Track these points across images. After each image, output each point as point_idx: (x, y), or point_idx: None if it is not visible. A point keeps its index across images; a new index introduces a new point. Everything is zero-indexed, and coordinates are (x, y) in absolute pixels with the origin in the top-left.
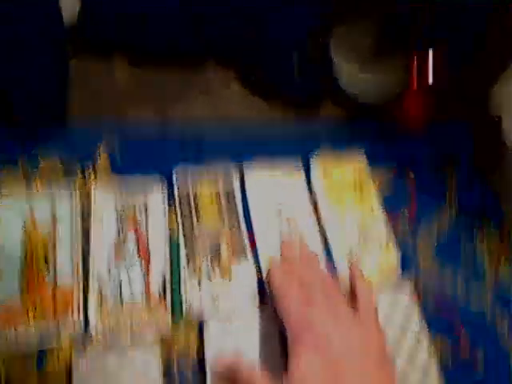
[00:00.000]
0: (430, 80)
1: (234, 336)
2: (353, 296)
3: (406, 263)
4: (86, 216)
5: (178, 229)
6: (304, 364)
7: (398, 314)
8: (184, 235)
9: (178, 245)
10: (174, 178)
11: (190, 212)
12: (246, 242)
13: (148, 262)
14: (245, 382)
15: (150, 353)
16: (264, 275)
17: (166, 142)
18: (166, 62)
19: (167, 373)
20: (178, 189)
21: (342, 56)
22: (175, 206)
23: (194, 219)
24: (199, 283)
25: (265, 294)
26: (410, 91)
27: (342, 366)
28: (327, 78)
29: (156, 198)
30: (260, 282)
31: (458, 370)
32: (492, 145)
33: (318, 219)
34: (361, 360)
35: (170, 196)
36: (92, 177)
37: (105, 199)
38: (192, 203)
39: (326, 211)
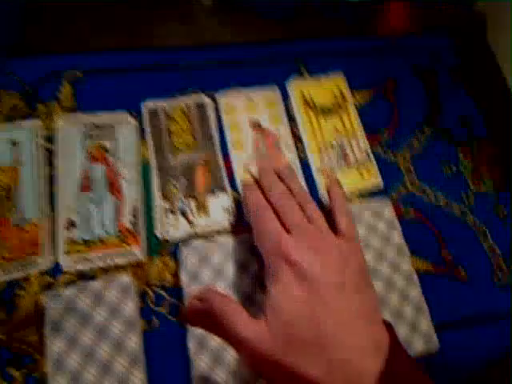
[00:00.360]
0: None
1: (211, 265)
2: (330, 211)
3: (387, 182)
4: (50, 150)
5: (149, 155)
6: (282, 293)
7: (380, 229)
8: (155, 158)
9: (150, 172)
10: (143, 107)
11: (161, 137)
12: (222, 166)
13: (119, 193)
14: (218, 310)
15: (125, 287)
16: (241, 192)
17: (133, 72)
18: None
19: (143, 307)
20: (149, 116)
21: None
22: (145, 134)
23: (167, 148)
24: (173, 213)
25: (242, 220)
26: None
27: (323, 290)
28: None
29: (125, 125)
30: (238, 206)
31: (443, 279)
32: (476, 53)
33: (296, 140)
34: (341, 279)
35: (140, 125)
36: (56, 109)
37: (70, 130)
38: (163, 128)
39: (304, 133)
